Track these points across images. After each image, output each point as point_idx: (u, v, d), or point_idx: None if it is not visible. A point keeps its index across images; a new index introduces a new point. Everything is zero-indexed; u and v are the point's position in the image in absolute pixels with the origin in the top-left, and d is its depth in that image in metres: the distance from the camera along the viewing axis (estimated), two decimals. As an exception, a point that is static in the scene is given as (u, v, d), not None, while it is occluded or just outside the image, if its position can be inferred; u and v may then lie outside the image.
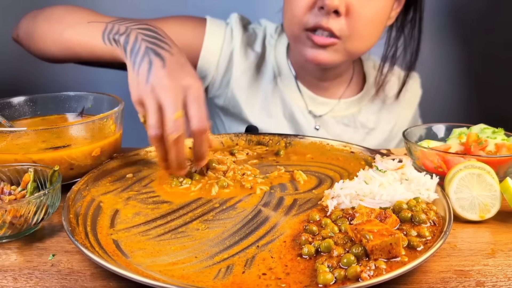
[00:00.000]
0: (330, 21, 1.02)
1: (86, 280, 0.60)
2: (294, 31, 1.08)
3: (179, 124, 0.76)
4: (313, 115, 1.24)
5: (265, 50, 1.25)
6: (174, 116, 0.75)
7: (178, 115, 0.76)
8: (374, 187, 0.75)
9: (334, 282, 0.57)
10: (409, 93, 1.30)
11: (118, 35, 0.89)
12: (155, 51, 0.82)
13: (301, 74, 1.24)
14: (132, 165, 0.91)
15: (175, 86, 0.77)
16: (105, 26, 0.93)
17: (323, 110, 1.25)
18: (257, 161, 0.95)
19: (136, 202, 0.78)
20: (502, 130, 0.90)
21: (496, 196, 0.75)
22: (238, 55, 1.21)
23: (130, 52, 0.84)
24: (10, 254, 0.67)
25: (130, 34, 0.87)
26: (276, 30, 1.27)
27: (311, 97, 1.24)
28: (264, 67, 1.25)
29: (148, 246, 0.66)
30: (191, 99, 0.78)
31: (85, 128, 0.85)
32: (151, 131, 0.77)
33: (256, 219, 0.73)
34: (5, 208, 0.66)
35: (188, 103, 0.78)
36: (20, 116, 0.99)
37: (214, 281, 0.58)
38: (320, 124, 1.25)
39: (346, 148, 0.98)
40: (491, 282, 0.60)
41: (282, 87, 1.24)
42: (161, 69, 0.79)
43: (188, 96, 0.78)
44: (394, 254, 0.60)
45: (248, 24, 1.29)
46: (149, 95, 0.78)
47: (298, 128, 1.25)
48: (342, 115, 1.26)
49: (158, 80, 0.78)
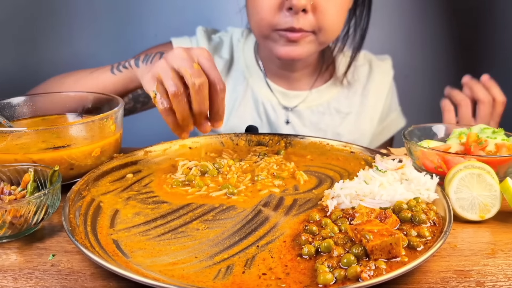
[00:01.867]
0: (301, 21, 1.05)
1: (86, 280, 0.60)
2: (264, 32, 1.11)
3: (200, 72, 0.79)
4: (286, 108, 1.29)
5: (233, 55, 1.31)
6: (194, 65, 0.79)
7: (196, 66, 0.79)
8: (374, 187, 0.75)
9: (334, 282, 0.57)
10: (379, 75, 1.33)
11: (127, 63, 1.01)
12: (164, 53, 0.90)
13: (271, 70, 1.28)
14: (132, 165, 0.91)
15: (186, 51, 0.82)
16: (111, 66, 1.06)
17: (296, 102, 1.29)
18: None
19: (136, 202, 0.78)
20: (502, 130, 0.90)
21: (496, 196, 0.75)
22: None
23: (142, 61, 0.93)
24: (10, 254, 0.67)
25: (139, 56, 0.98)
26: (242, 34, 1.32)
27: (282, 92, 1.28)
28: (234, 71, 1.30)
29: (148, 246, 0.66)
30: (205, 60, 0.82)
31: (85, 128, 0.85)
32: (170, 87, 0.79)
33: (256, 219, 0.73)
34: (5, 208, 0.66)
35: (203, 64, 0.81)
36: (20, 116, 0.99)
37: (214, 281, 0.58)
38: (295, 116, 1.29)
39: (346, 148, 0.98)
40: (491, 282, 0.60)
41: (253, 87, 1.29)
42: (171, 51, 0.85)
43: (200, 59, 0.82)
44: (394, 254, 0.60)
45: (213, 33, 1.35)
46: (164, 64, 0.81)
47: (271, 124, 1.29)
48: (317, 104, 1.30)
49: (171, 53, 0.82)
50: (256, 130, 1.11)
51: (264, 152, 0.98)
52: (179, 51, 0.81)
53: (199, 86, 0.78)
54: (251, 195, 0.81)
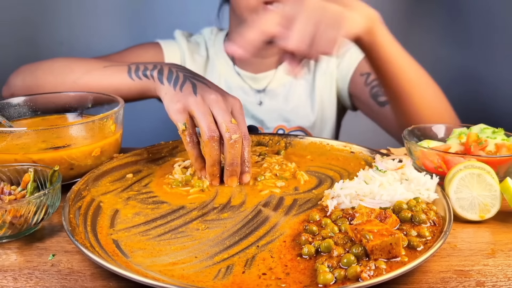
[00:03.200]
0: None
1: (86, 280, 0.60)
2: (251, 4, 1.14)
3: (237, 127, 0.81)
4: (258, 91, 1.36)
5: (208, 51, 1.41)
6: (232, 120, 0.81)
7: (234, 121, 0.81)
8: (374, 187, 0.75)
9: (334, 282, 0.57)
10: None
11: (149, 71, 0.97)
12: (194, 78, 0.89)
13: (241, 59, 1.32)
14: (132, 165, 0.91)
15: (223, 100, 0.84)
16: (127, 67, 1.03)
17: (265, 82, 1.36)
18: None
19: (136, 202, 0.78)
20: (502, 130, 0.90)
21: (496, 196, 0.75)
22: (188, 63, 1.37)
23: (167, 79, 0.91)
24: (10, 254, 0.67)
25: (162, 67, 0.95)
26: (212, 32, 1.42)
27: (251, 77, 1.36)
28: (210, 66, 1.39)
29: (148, 246, 0.66)
30: (237, 113, 0.85)
31: (85, 128, 0.85)
32: (208, 132, 0.80)
33: (256, 219, 0.73)
34: (5, 208, 0.66)
35: (235, 116, 0.84)
36: (20, 116, 0.99)
37: (214, 281, 0.58)
38: (268, 96, 1.36)
39: (346, 148, 0.98)
40: (491, 282, 0.60)
41: (226, 76, 1.37)
42: (206, 87, 0.86)
43: (234, 110, 0.84)
44: (394, 254, 0.60)
45: (190, 36, 1.44)
46: (200, 102, 0.82)
47: (247, 110, 1.35)
48: (285, 81, 1.36)
49: (207, 93, 0.84)
50: (256, 130, 1.11)
51: (264, 152, 0.98)
52: (218, 98, 0.83)
53: (234, 141, 0.80)
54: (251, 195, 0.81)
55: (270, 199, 0.79)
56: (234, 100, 0.86)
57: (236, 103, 0.86)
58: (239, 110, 0.86)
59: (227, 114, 0.81)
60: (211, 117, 0.81)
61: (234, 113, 0.84)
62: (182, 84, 0.87)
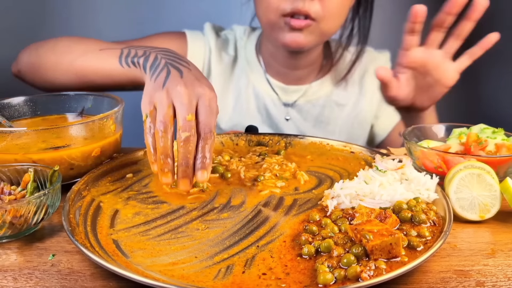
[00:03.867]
0: (306, 4, 1.09)
1: (86, 280, 0.60)
2: (271, 18, 1.14)
3: (192, 125, 0.76)
4: (286, 104, 1.33)
5: (237, 52, 1.35)
6: (187, 117, 0.76)
7: (190, 117, 0.76)
8: (374, 187, 0.75)
9: (334, 282, 0.57)
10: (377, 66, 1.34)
11: (137, 58, 0.93)
12: (174, 65, 0.85)
13: (272, 66, 1.32)
14: (132, 165, 0.91)
15: (189, 92, 0.78)
16: (120, 51, 0.98)
17: (295, 96, 1.33)
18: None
19: (136, 202, 0.78)
20: (502, 130, 0.90)
21: (496, 196, 0.75)
22: (214, 60, 1.32)
23: (149, 68, 0.87)
24: (10, 254, 0.67)
25: (149, 55, 0.91)
26: (244, 32, 1.36)
27: (282, 88, 1.32)
28: (237, 68, 1.34)
29: (148, 246, 0.66)
30: (203, 106, 0.78)
31: (85, 128, 0.85)
32: (158, 125, 0.76)
33: (256, 219, 0.73)
34: (5, 208, 0.66)
35: (199, 110, 0.78)
36: (20, 116, 0.99)
37: (214, 281, 0.58)
38: (295, 111, 1.32)
39: (346, 148, 0.98)
40: (491, 282, 0.60)
41: (254, 83, 1.33)
42: (177, 77, 0.81)
43: (200, 103, 0.79)
44: (394, 254, 0.60)
45: (221, 30, 1.38)
46: (164, 95, 0.79)
47: (271, 120, 1.33)
48: (317, 97, 1.34)
49: (174, 86, 0.79)
50: (256, 130, 1.11)
51: (264, 152, 0.98)
52: (183, 90, 0.78)
53: (184, 140, 0.75)
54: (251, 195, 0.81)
55: (270, 199, 0.79)
56: (203, 90, 0.80)
57: (203, 95, 0.79)
58: (205, 102, 0.79)
59: (185, 109, 0.76)
60: (168, 109, 0.77)
61: (199, 106, 0.78)
62: (159, 73, 0.84)
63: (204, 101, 0.79)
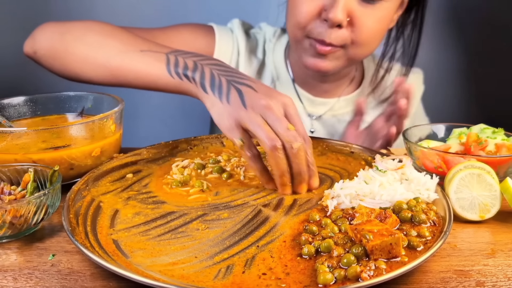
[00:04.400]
0: (333, 36, 1.02)
1: (86, 280, 0.60)
2: (297, 37, 1.08)
3: (296, 134, 0.75)
4: (311, 116, 1.25)
5: (265, 55, 1.25)
6: (288, 127, 0.75)
7: (291, 127, 0.76)
8: (374, 187, 0.75)
9: (334, 282, 0.57)
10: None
11: (190, 72, 0.87)
12: (238, 81, 0.82)
13: (300, 76, 1.24)
14: (132, 165, 0.91)
15: (274, 104, 0.77)
16: (166, 58, 0.91)
17: (322, 110, 1.25)
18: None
19: (136, 202, 0.78)
20: (502, 130, 0.90)
21: (496, 196, 0.75)
22: (243, 62, 1.22)
23: (210, 87, 0.83)
24: (10, 254, 0.67)
25: (204, 70, 0.86)
26: (274, 34, 1.26)
27: (310, 99, 1.24)
28: (264, 73, 1.25)
29: (148, 246, 0.66)
30: (291, 114, 0.78)
31: (85, 128, 0.85)
32: (269, 142, 0.75)
33: (256, 219, 0.73)
34: (5, 208, 0.66)
35: (290, 118, 0.78)
36: (20, 116, 0.99)
37: (214, 281, 0.58)
38: (320, 124, 1.25)
39: (346, 148, 0.98)
40: (491, 282, 0.60)
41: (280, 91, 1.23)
42: (254, 93, 0.79)
43: (287, 113, 0.78)
44: (394, 254, 0.60)
45: (249, 29, 1.28)
46: (252, 114, 0.77)
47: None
48: (343, 112, 1.26)
49: (256, 101, 0.77)
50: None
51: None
52: (268, 103, 0.76)
53: (297, 150, 0.75)
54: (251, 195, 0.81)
55: (270, 199, 0.79)
56: (285, 100, 0.79)
57: (288, 104, 0.79)
58: (293, 110, 0.79)
59: (281, 121, 0.76)
60: (266, 126, 0.76)
61: (288, 115, 0.78)
62: (228, 93, 0.80)
63: (290, 108, 0.79)
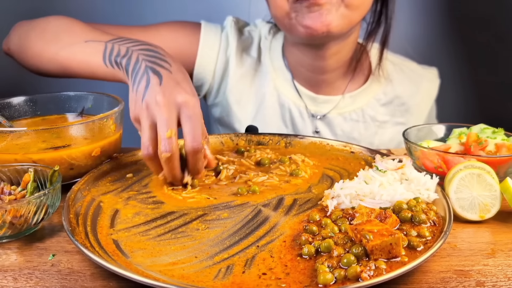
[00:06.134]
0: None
1: (86, 280, 0.60)
2: (285, 8, 1.03)
3: (172, 143, 0.75)
4: (315, 116, 1.20)
5: (261, 53, 1.22)
6: (166, 134, 0.75)
7: (169, 134, 0.75)
8: (374, 187, 0.75)
9: (334, 282, 0.57)
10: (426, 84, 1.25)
11: (119, 58, 0.88)
12: (154, 69, 0.81)
13: (299, 72, 1.19)
14: (132, 165, 0.91)
15: (169, 103, 0.76)
16: (104, 47, 0.92)
17: (327, 108, 1.19)
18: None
19: (136, 202, 0.78)
20: (502, 130, 0.90)
21: (496, 196, 0.75)
22: (234, 62, 1.19)
23: (131, 73, 0.84)
24: (10, 254, 0.67)
25: (131, 55, 0.86)
26: (270, 31, 1.23)
27: (311, 97, 1.19)
28: (260, 72, 1.21)
29: (148, 246, 0.66)
30: (185, 117, 0.77)
31: (85, 128, 0.85)
32: (143, 150, 0.77)
33: (256, 219, 0.73)
34: (5, 208, 0.66)
35: (182, 121, 0.77)
36: (20, 116, 0.99)
37: (214, 281, 0.58)
38: (324, 124, 1.20)
39: (346, 148, 0.98)
40: (491, 282, 0.60)
41: (280, 90, 1.20)
42: (156, 86, 0.78)
43: (182, 114, 0.77)
44: (394, 254, 0.60)
45: (244, 27, 1.25)
46: (144, 112, 0.77)
47: (297, 133, 1.21)
48: (350, 110, 1.20)
49: (153, 97, 0.77)
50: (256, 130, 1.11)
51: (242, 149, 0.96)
52: (162, 101, 0.75)
53: (166, 159, 0.76)
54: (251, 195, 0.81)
55: (270, 199, 0.79)
56: (183, 98, 0.76)
57: (186, 104, 0.76)
58: (190, 111, 0.76)
59: (165, 124, 0.75)
60: (149, 131, 0.76)
61: (182, 116, 0.76)
62: (139, 81, 0.80)
63: (186, 111, 0.76)
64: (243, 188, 0.81)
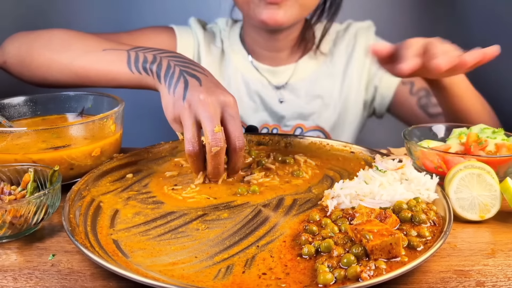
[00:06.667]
0: None
1: (86, 280, 0.60)
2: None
3: (220, 138, 0.77)
4: (278, 87, 1.30)
5: (223, 43, 1.34)
6: (214, 129, 0.77)
7: (217, 129, 0.77)
8: (374, 187, 0.75)
9: (334, 282, 0.57)
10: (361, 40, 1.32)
11: (148, 64, 0.90)
12: (189, 72, 0.85)
13: (256, 52, 1.31)
14: (132, 165, 0.91)
15: (212, 101, 0.79)
16: (127, 54, 0.94)
17: (286, 77, 1.30)
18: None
19: (136, 202, 0.78)
20: (502, 130, 0.90)
21: (496, 196, 0.75)
22: (203, 52, 1.30)
23: (164, 77, 0.86)
24: (10, 254, 0.67)
25: (161, 61, 0.89)
26: (227, 23, 1.36)
27: (270, 70, 1.30)
28: (224, 59, 1.33)
29: (148, 246, 0.66)
30: (228, 116, 0.80)
31: (85, 128, 0.85)
32: (188, 145, 0.79)
33: (256, 219, 0.73)
34: (5, 208, 0.66)
35: (226, 120, 0.80)
36: (20, 116, 0.99)
37: (214, 281, 0.58)
38: (289, 92, 1.30)
39: (346, 148, 0.98)
40: (491, 282, 0.60)
41: (242, 70, 1.31)
42: (197, 87, 0.81)
43: (225, 112, 0.80)
44: (394, 254, 0.60)
45: (205, 25, 1.37)
46: (186, 110, 0.79)
47: (265, 105, 1.30)
48: (310, 72, 1.31)
49: (196, 96, 0.80)
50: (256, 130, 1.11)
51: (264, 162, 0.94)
52: (205, 100, 0.79)
53: (215, 153, 0.78)
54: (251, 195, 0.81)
55: (270, 199, 0.79)
56: (227, 99, 0.80)
57: (228, 104, 0.80)
58: (232, 111, 0.80)
59: (211, 121, 0.77)
60: (193, 127, 0.79)
61: (225, 115, 0.80)
62: (176, 83, 0.83)
63: (229, 109, 0.80)
64: (243, 188, 0.81)
